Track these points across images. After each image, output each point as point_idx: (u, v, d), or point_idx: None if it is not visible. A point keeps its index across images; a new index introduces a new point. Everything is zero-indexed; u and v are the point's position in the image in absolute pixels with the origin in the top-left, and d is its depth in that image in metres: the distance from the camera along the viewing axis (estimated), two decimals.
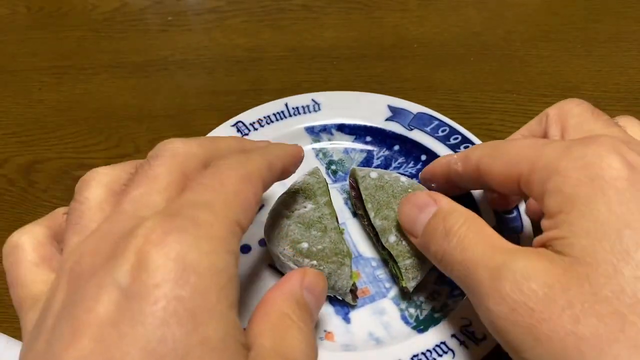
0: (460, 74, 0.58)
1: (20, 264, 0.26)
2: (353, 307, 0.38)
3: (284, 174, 0.33)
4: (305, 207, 0.39)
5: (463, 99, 0.55)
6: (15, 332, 0.39)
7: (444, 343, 0.35)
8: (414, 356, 0.34)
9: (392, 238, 0.37)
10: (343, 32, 0.64)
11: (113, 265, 0.21)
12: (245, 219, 0.25)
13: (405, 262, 0.36)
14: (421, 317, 0.38)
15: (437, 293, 0.39)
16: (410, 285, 0.37)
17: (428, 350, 0.35)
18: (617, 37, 0.62)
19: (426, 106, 0.48)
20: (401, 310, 0.38)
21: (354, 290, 0.38)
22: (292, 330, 0.26)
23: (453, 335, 0.35)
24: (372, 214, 0.38)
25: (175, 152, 0.26)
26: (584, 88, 0.56)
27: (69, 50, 0.62)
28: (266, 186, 0.29)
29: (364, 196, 0.39)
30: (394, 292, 0.39)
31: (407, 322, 0.38)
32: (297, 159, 0.35)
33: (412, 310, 0.38)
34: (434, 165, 0.39)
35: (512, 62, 0.59)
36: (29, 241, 0.27)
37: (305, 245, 0.37)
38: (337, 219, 0.41)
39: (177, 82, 0.58)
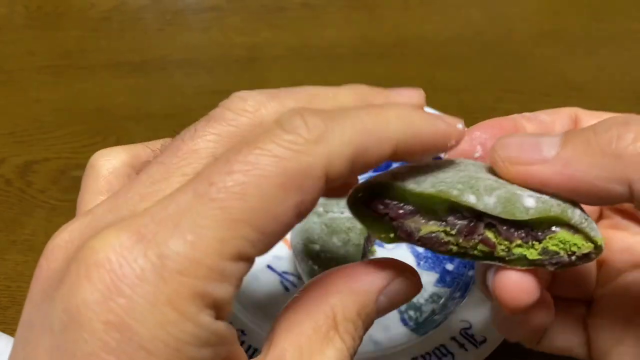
0: (463, 73, 0.57)
1: (88, 189, 0.23)
2: None
3: (406, 155, 0.20)
4: (342, 213, 0.38)
5: (465, 98, 0.55)
6: (12, 332, 0.39)
7: (443, 346, 0.35)
8: (413, 359, 0.34)
9: (530, 201, 0.22)
10: (343, 30, 0.63)
11: (53, 298, 0.17)
12: (262, 246, 0.17)
13: (575, 213, 0.22)
14: (421, 320, 0.37)
15: (437, 295, 0.38)
16: (600, 237, 0.23)
17: (427, 353, 0.34)
18: (621, 35, 0.61)
19: (428, 106, 0.48)
20: (400, 312, 0.38)
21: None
22: (330, 348, 0.20)
23: (453, 338, 0.35)
24: (472, 199, 0.21)
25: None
26: (587, 87, 0.56)
27: (67, 50, 0.62)
28: (336, 181, 0.18)
29: (434, 191, 0.22)
30: None
31: (406, 325, 0.37)
32: (438, 143, 0.21)
33: (411, 312, 0.38)
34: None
35: (515, 61, 0.59)
36: (105, 166, 0.23)
37: (316, 247, 0.36)
38: (367, 237, 0.38)
39: (175, 81, 0.58)
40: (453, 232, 0.21)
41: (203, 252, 0.16)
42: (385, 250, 0.41)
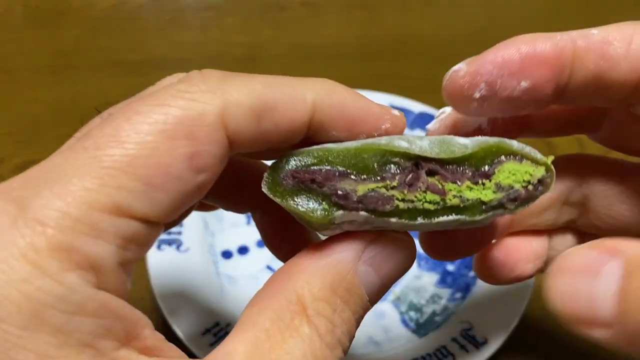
0: None
1: None
2: None
3: (321, 130, 0.18)
4: None
5: None
6: None
7: (444, 347, 0.34)
8: None
9: (464, 139, 0.20)
10: (344, 30, 0.63)
11: None
12: (151, 201, 0.15)
13: (513, 142, 0.20)
14: (421, 321, 0.37)
15: (437, 296, 0.38)
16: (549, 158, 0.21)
17: (428, 354, 0.34)
18: None
19: (429, 105, 0.48)
20: (401, 313, 0.38)
21: None
22: (294, 337, 0.16)
23: (453, 339, 0.35)
24: (404, 144, 0.19)
25: None
26: None
27: (66, 49, 0.61)
28: (243, 139, 0.17)
29: (360, 144, 0.19)
30: (393, 295, 0.39)
31: (407, 326, 0.37)
32: (367, 121, 0.19)
33: (412, 313, 0.38)
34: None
35: None
36: None
37: None
38: None
39: None
40: (394, 183, 0.19)
41: (69, 202, 0.14)
42: None
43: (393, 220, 0.18)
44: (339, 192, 0.18)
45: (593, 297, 0.16)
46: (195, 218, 0.40)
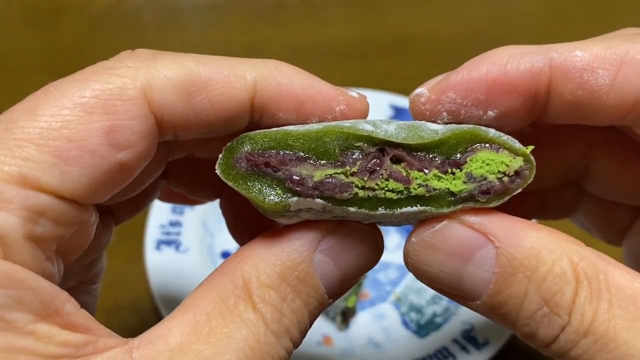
0: None
1: None
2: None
3: (266, 113, 0.17)
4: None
5: None
6: None
7: (445, 348, 0.34)
8: None
9: (436, 125, 0.20)
10: (344, 29, 0.63)
11: None
12: (62, 175, 0.15)
13: (490, 130, 0.19)
14: (422, 322, 0.37)
15: (438, 297, 0.38)
16: (529, 148, 0.19)
17: (429, 355, 0.34)
18: None
19: None
20: (402, 314, 0.38)
21: (345, 314, 0.36)
22: (237, 323, 0.15)
23: (454, 340, 0.34)
24: (369, 127, 0.19)
25: None
26: None
27: (64, 48, 0.61)
28: (174, 119, 0.16)
29: (322, 127, 0.19)
30: (394, 296, 0.38)
31: (407, 327, 0.37)
32: (317, 101, 0.18)
33: (413, 314, 0.37)
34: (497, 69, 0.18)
35: None
36: None
37: None
38: None
39: None
40: (354, 169, 0.18)
41: None
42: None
43: (352, 209, 0.18)
44: (294, 177, 0.18)
45: (462, 278, 0.17)
46: (194, 218, 0.40)
